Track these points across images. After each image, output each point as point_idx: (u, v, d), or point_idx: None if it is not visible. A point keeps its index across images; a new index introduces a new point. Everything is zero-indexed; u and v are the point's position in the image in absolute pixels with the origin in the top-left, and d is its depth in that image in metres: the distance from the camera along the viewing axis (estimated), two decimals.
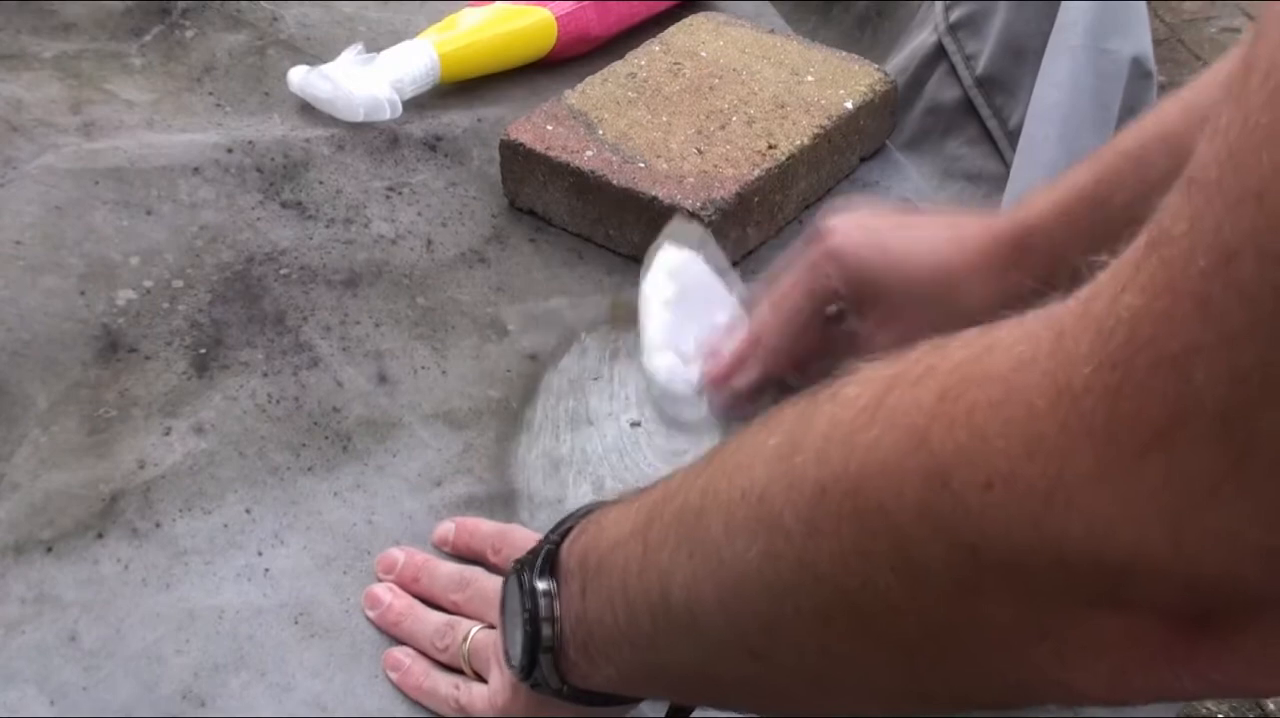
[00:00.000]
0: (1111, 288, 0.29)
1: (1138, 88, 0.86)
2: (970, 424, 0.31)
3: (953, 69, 0.93)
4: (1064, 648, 0.32)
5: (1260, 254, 0.26)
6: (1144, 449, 0.28)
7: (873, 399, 0.35)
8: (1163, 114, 0.57)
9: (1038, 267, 0.57)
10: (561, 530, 0.50)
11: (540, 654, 0.48)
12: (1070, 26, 0.85)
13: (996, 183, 0.90)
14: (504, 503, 0.66)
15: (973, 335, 0.33)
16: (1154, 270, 0.28)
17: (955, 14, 0.95)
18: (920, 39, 0.96)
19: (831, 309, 0.63)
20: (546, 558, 0.49)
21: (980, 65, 0.92)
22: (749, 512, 0.38)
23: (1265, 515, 0.27)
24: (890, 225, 0.64)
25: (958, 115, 0.94)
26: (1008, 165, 0.90)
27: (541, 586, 0.48)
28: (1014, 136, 0.90)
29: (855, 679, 0.38)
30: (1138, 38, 0.85)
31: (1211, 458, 0.27)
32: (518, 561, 0.50)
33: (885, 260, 0.62)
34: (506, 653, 0.51)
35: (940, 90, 0.94)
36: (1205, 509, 0.27)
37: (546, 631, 0.48)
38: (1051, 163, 0.80)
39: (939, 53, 0.95)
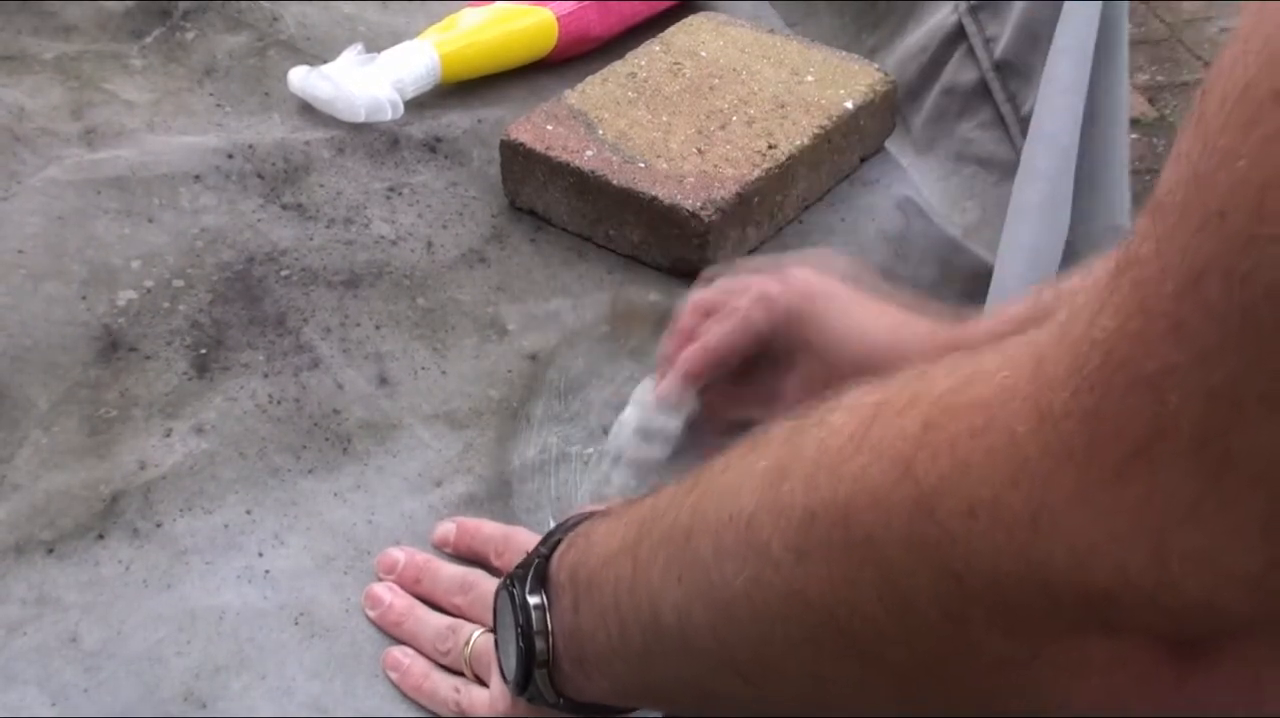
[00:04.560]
0: (1088, 312, 0.30)
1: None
2: (953, 453, 0.31)
3: (971, 51, 0.92)
4: (1054, 673, 0.32)
5: (1226, 274, 0.26)
6: (1123, 469, 0.28)
7: (859, 427, 0.35)
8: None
9: None
10: (551, 543, 0.50)
11: (535, 669, 0.48)
12: (1064, 72, 0.82)
13: (1006, 169, 0.89)
14: (504, 503, 0.66)
15: (957, 362, 0.34)
16: (1126, 293, 0.28)
17: None
18: (940, 17, 0.95)
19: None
20: (537, 572, 0.49)
21: (999, 49, 0.91)
22: (737, 537, 0.38)
23: (1244, 536, 0.27)
24: (841, 298, 0.64)
25: (973, 98, 0.92)
26: (1017, 152, 0.89)
27: (533, 600, 0.48)
28: (1025, 124, 0.89)
29: (846, 702, 0.39)
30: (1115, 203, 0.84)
31: (1189, 477, 0.27)
32: (508, 575, 0.51)
33: (822, 333, 0.63)
34: (501, 667, 0.52)
35: (959, 72, 0.93)
36: (1185, 529, 0.28)
37: (540, 644, 0.48)
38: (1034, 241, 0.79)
39: (960, 33, 0.93)
